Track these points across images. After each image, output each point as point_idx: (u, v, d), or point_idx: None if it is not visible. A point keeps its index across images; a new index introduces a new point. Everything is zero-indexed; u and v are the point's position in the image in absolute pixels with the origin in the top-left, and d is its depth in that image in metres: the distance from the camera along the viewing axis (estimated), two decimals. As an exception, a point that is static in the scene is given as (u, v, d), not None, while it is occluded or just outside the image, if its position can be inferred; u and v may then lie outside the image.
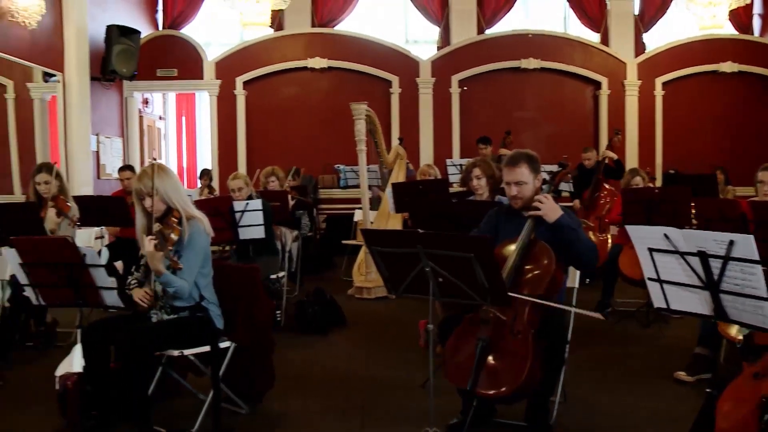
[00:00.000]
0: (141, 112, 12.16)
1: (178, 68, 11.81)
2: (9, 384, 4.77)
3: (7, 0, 7.98)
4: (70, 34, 9.37)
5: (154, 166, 3.73)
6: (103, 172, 10.53)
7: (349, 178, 11.37)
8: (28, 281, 3.51)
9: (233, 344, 3.85)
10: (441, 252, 2.99)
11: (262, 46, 11.92)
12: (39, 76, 9.40)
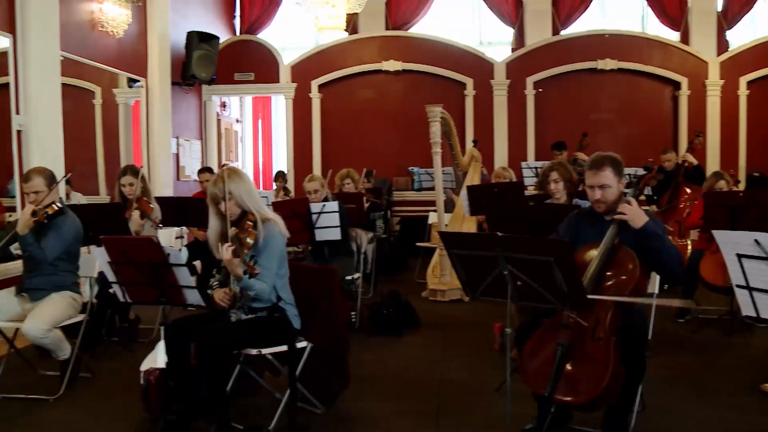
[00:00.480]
0: (219, 116, 12.43)
1: (255, 72, 12.04)
2: (96, 376, 4.95)
3: (98, 11, 8.32)
4: (154, 42, 9.68)
5: (227, 170, 3.79)
6: (183, 174, 10.81)
7: (423, 181, 11.38)
8: (116, 279, 3.64)
9: (310, 344, 3.89)
10: (520, 255, 2.96)
11: (336, 49, 12.03)
12: (124, 82, 9.73)
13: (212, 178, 3.87)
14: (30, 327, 4.35)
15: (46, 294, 4.66)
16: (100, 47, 8.50)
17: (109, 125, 9.79)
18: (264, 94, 13.31)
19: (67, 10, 7.60)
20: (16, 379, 4.78)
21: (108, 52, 8.67)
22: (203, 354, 3.54)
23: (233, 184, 3.71)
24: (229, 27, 12.87)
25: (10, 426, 4.10)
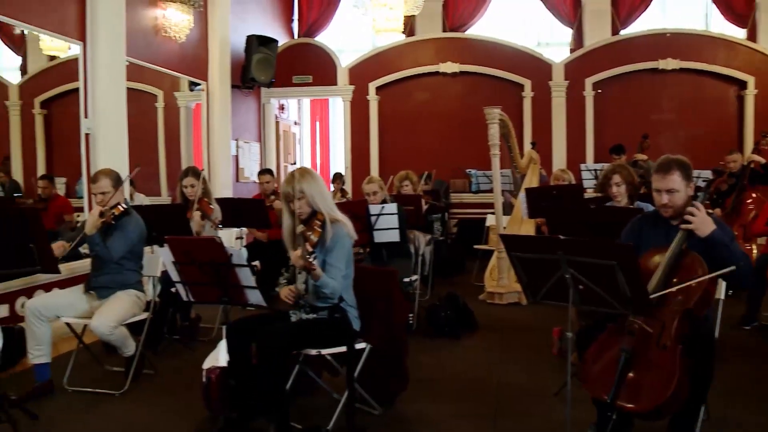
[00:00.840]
0: (277, 118, 12.58)
1: (313, 75, 12.15)
2: (159, 373, 5.07)
3: (161, 17, 8.53)
4: (214, 46, 9.87)
5: (300, 170, 3.87)
6: (242, 176, 10.98)
7: (480, 183, 11.33)
8: (180, 279, 3.71)
9: (369, 345, 3.92)
10: (582, 259, 2.93)
11: (394, 51, 12.07)
12: (185, 85, 9.94)
13: (285, 178, 3.94)
14: (97, 324, 4.48)
15: (112, 292, 4.80)
16: (163, 52, 8.71)
17: (171, 128, 10.01)
18: (322, 96, 13.43)
19: (132, 17, 7.81)
20: (84, 373, 4.93)
21: (170, 57, 8.87)
22: (264, 353, 3.59)
23: (305, 184, 3.78)
24: (288, 30, 13.03)
25: (79, 418, 4.25)
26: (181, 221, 5.62)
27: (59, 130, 9.28)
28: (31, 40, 9.35)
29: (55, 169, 8.90)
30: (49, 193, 7.59)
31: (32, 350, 4.60)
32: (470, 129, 11.12)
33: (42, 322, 4.58)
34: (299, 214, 3.82)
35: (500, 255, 7.65)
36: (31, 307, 4.60)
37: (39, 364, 4.62)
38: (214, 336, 6.07)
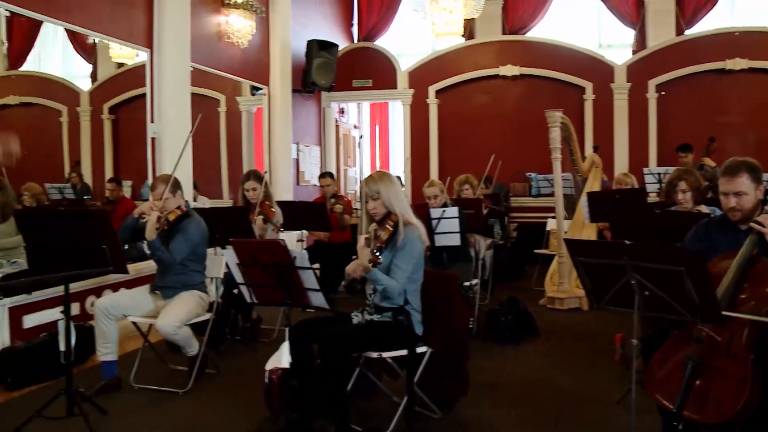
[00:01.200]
0: (337, 122, 12.68)
1: (373, 79, 12.22)
2: (221, 373, 5.16)
3: (224, 24, 8.70)
4: (276, 51, 10.02)
5: (379, 172, 3.98)
6: (302, 179, 11.09)
7: (541, 187, 11.22)
8: (243, 280, 3.78)
9: (430, 349, 3.92)
10: (649, 264, 2.87)
11: (453, 55, 12.04)
12: (247, 89, 10.11)
13: (364, 179, 4.00)
14: (163, 323, 4.58)
15: (177, 292, 4.91)
16: (226, 57, 8.87)
17: (233, 132, 10.20)
18: (382, 100, 13.48)
19: (196, 23, 7.98)
20: (150, 371, 5.05)
21: (233, 62, 9.04)
22: (325, 355, 3.62)
23: (382, 185, 3.86)
24: (347, 35, 13.12)
25: (145, 414, 4.35)
26: (243, 224, 5.71)
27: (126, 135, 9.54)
28: (101, 48, 9.65)
29: (122, 173, 9.16)
30: (116, 196, 7.82)
31: (101, 348, 4.75)
32: (530, 132, 11.02)
33: (110, 321, 4.71)
34: (374, 213, 3.90)
35: (561, 259, 7.56)
36: (100, 306, 4.74)
37: (107, 361, 4.77)
38: (275, 337, 6.15)
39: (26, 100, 9.73)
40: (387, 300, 3.83)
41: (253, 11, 9.02)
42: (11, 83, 9.82)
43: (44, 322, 5.50)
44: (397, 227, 3.82)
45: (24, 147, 9.29)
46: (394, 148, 14.97)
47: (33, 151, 9.51)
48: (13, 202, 6.18)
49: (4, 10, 6.41)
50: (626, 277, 2.96)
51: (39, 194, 7.75)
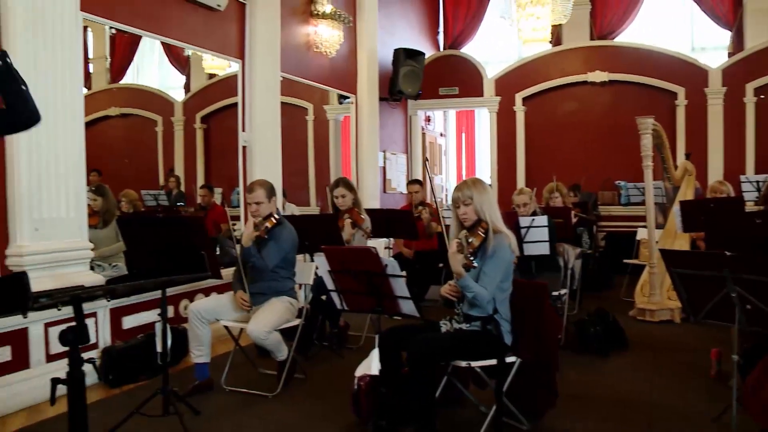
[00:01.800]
0: (423, 130, 12.71)
1: (459, 86, 12.20)
2: (309, 378, 5.24)
3: (313, 34, 8.87)
4: (363, 60, 10.13)
5: (472, 178, 4.01)
6: (389, 187, 11.16)
7: (631, 195, 10.95)
8: (334, 287, 3.83)
9: (518, 360, 3.88)
10: (752, 277, 2.77)
11: (540, 61, 11.91)
12: (334, 98, 10.26)
13: (456, 185, 4.01)
14: (253, 328, 4.68)
15: (267, 298, 5.01)
16: (315, 67, 9.03)
17: (320, 140, 10.36)
18: (468, 107, 13.44)
19: (286, 34, 8.16)
20: (240, 374, 5.18)
21: (321, 71, 9.19)
22: (414, 363, 3.63)
23: (475, 191, 3.89)
24: (434, 43, 13.16)
25: (235, 416, 4.47)
26: (332, 231, 5.78)
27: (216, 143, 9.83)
28: (194, 60, 9.98)
29: (213, 180, 9.43)
30: (208, 202, 8.06)
31: (194, 350, 4.90)
32: (619, 139, 10.80)
33: (203, 324, 4.86)
34: (464, 219, 3.91)
35: (652, 270, 7.36)
36: (193, 309, 4.89)
37: (200, 363, 4.91)
38: (362, 344, 6.20)
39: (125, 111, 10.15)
40: (476, 309, 3.82)
41: (341, 21, 9.16)
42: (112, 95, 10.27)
43: (142, 323, 5.72)
44: (488, 234, 3.82)
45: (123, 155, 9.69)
46: (480, 155, 14.90)
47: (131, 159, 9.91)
48: (114, 208, 6.46)
49: (109, 27, 6.70)
50: (726, 289, 2.86)
51: (135, 200, 8.07)
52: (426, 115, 12.91)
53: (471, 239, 3.76)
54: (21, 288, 1.99)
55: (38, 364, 4.85)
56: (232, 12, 7.25)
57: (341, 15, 9.14)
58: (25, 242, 4.74)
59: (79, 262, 5.15)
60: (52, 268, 4.88)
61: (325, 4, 8.92)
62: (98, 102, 8.64)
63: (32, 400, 4.72)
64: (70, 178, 5.07)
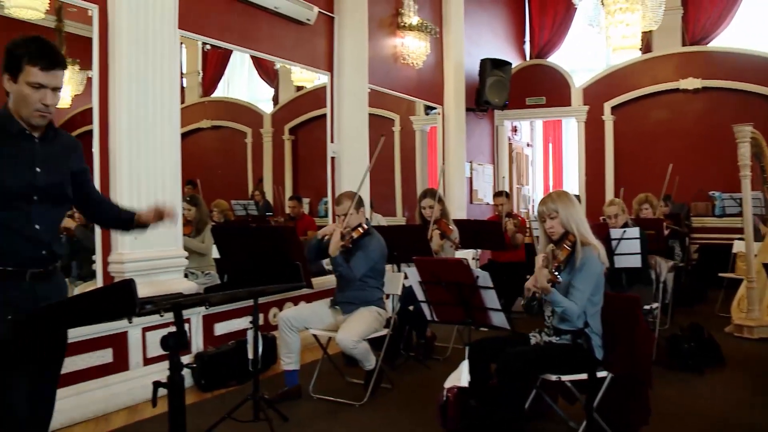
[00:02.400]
0: (510, 140, 12.60)
1: (546, 96, 12.05)
2: (395, 388, 5.26)
3: (400, 46, 8.95)
4: (449, 70, 10.16)
5: (557, 191, 3.97)
6: (475, 197, 11.11)
7: (726, 206, 10.56)
8: (425, 298, 3.85)
9: (610, 374, 3.80)
10: None
11: (630, 69, 11.63)
12: (421, 109, 10.31)
13: (542, 198, 3.99)
14: (342, 337, 4.74)
15: (356, 308, 5.07)
16: (402, 78, 9.10)
17: (406, 150, 10.43)
18: (555, 117, 13.27)
19: (374, 46, 8.26)
20: (328, 382, 5.24)
21: (408, 83, 9.25)
22: (504, 375, 3.62)
23: (561, 204, 3.84)
24: (520, 52, 13.05)
25: (323, 424, 4.54)
26: (420, 241, 5.80)
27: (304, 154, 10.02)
28: (282, 73, 10.22)
29: (300, 190, 9.61)
30: (297, 212, 8.21)
31: (284, 357, 5.01)
32: (713, 148, 10.45)
33: (293, 332, 4.95)
34: (551, 233, 3.87)
35: (750, 284, 7.08)
36: (283, 317, 4.99)
37: (289, 370, 5.01)
38: (449, 355, 6.19)
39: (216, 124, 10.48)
40: (566, 322, 3.77)
41: (427, 32, 9.21)
42: (204, 108, 10.62)
43: (232, 330, 5.88)
44: (575, 247, 3.77)
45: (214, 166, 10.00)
46: (567, 166, 14.67)
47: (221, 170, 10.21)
48: (206, 218, 6.66)
49: (201, 43, 6.95)
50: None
51: (226, 210, 8.30)
52: (513, 125, 12.80)
53: (557, 253, 3.72)
54: (129, 294, 2.08)
55: (136, 367, 5.05)
56: (321, 26, 7.40)
57: (428, 26, 9.18)
58: (126, 250, 4.95)
59: (174, 270, 5.34)
60: (149, 275, 5.06)
61: (412, 16, 8.99)
62: (191, 115, 8.93)
63: (131, 400, 4.93)
64: (167, 188, 5.26)
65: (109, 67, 4.97)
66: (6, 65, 2.63)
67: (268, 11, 6.62)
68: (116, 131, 4.94)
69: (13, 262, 2.63)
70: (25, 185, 2.66)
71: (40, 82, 2.60)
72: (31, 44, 2.61)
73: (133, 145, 5.00)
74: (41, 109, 2.64)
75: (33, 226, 2.68)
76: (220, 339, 5.76)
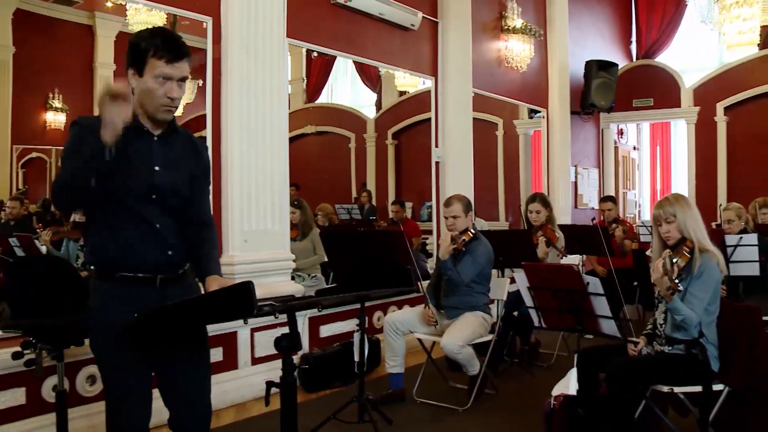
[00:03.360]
0: (616, 143, 12.27)
1: (654, 98, 11.64)
2: (499, 394, 5.21)
3: (504, 49, 8.89)
4: (554, 73, 10.00)
5: (675, 195, 3.86)
6: (580, 202, 10.88)
7: None
8: (533, 304, 3.80)
9: (727, 387, 3.65)
10: None
11: (746, 67, 11.05)
12: (524, 112, 10.21)
13: (657, 201, 3.89)
14: (447, 342, 4.74)
15: (461, 313, 5.05)
16: (505, 82, 9.03)
17: (509, 154, 10.34)
18: (663, 119, 12.80)
19: (477, 50, 8.23)
20: (431, 386, 5.24)
21: (512, 86, 9.17)
22: (613, 385, 3.53)
23: (678, 208, 3.73)
24: (626, 53, 12.69)
25: (426, 428, 4.56)
26: (526, 246, 5.72)
27: (407, 159, 10.09)
28: (386, 78, 10.34)
29: (402, 194, 9.68)
30: (400, 217, 8.27)
31: (389, 360, 5.05)
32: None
33: (398, 336, 4.99)
34: (666, 238, 3.76)
35: None
36: (389, 321, 5.04)
37: (394, 373, 5.04)
38: (553, 362, 6.09)
39: (321, 129, 10.71)
40: (680, 331, 3.64)
41: (531, 35, 9.10)
42: (309, 114, 10.87)
43: (337, 332, 5.99)
44: (694, 254, 3.64)
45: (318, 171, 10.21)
46: (676, 169, 14.15)
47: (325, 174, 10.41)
48: (311, 221, 6.79)
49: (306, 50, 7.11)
50: None
51: (331, 214, 8.45)
52: (619, 128, 12.45)
53: (676, 259, 3.59)
54: (248, 296, 2.13)
55: (245, 366, 5.21)
56: (425, 31, 7.43)
57: (532, 29, 9.08)
58: (236, 252, 5.11)
59: (282, 272, 5.47)
60: (257, 277, 5.17)
61: (516, 19, 8.90)
62: (296, 121, 9.13)
63: (240, 397, 5.08)
64: (276, 192, 5.40)
65: (222, 76, 5.16)
66: (131, 60, 2.57)
67: (373, 18, 6.71)
68: (228, 137, 5.12)
69: (142, 267, 2.60)
70: (145, 185, 2.59)
71: (167, 74, 2.53)
72: (156, 37, 2.54)
73: (243, 151, 5.16)
74: (167, 103, 2.57)
75: (153, 225, 2.61)
76: (325, 341, 5.87)
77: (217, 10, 5.17)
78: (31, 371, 3.37)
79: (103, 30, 7.19)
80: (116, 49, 7.22)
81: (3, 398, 3.94)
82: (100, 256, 2.62)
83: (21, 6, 6.48)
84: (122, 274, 2.58)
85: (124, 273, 2.58)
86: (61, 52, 7.16)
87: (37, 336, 3.31)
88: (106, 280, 2.60)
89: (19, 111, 6.56)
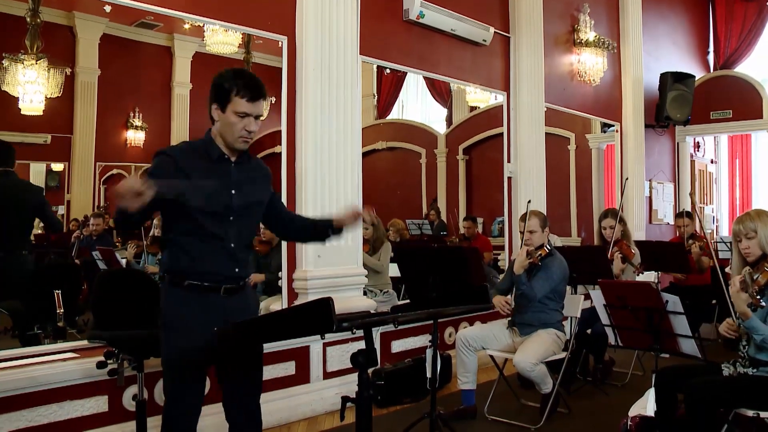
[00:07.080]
0: (692, 157, 11.95)
1: (733, 109, 11.29)
2: (572, 413, 5.13)
3: (576, 63, 8.78)
4: (627, 86, 9.81)
5: (756, 210, 3.74)
6: (655, 217, 10.63)
7: None
8: (609, 322, 3.74)
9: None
10: None
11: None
12: (597, 127, 10.04)
13: (737, 217, 3.81)
14: (520, 359, 4.71)
15: (534, 330, 5.01)
16: (578, 96, 8.91)
17: (582, 169, 10.18)
18: (743, 131, 12.38)
19: (550, 64, 8.16)
20: (502, 404, 5.21)
21: (584, 100, 9.04)
22: (693, 407, 3.44)
23: (759, 223, 3.63)
24: (703, 64, 12.37)
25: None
26: (600, 263, 5.64)
27: (478, 174, 10.06)
28: (456, 93, 10.36)
29: (473, 209, 9.64)
30: (472, 233, 8.24)
31: (461, 377, 5.04)
32: None
33: (470, 352, 4.98)
34: (746, 254, 3.65)
35: None
36: (461, 337, 5.03)
37: (466, 389, 5.03)
38: (627, 381, 5.97)
39: (391, 145, 10.77)
40: (763, 352, 3.52)
41: (604, 48, 8.96)
42: (380, 130, 10.96)
43: (408, 348, 6.00)
44: None
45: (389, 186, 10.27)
46: (757, 183, 13.67)
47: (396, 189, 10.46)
48: (383, 236, 6.83)
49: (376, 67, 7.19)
50: None
51: (402, 229, 8.48)
52: (695, 141, 12.12)
53: (757, 276, 3.48)
54: (327, 311, 2.19)
55: (317, 380, 5.27)
56: (497, 46, 7.41)
57: (605, 42, 8.94)
58: (310, 267, 5.18)
59: (355, 288, 5.52)
60: (330, 292, 5.23)
61: (588, 32, 8.79)
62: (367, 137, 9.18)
63: (311, 411, 5.14)
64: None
65: (297, 93, 5.26)
66: (215, 96, 2.90)
67: (445, 34, 6.73)
68: (303, 154, 5.21)
69: (210, 278, 2.89)
70: (223, 206, 2.90)
71: (246, 111, 2.86)
72: (239, 78, 2.86)
73: (318, 167, 5.24)
74: (245, 135, 2.90)
75: (229, 245, 2.92)
76: (396, 356, 5.89)
77: (292, 29, 5.28)
78: (113, 380, 3.53)
79: (180, 51, 7.47)
80: (192, 68, 7.49)
81: (87, 405, 4.10)
82: (174, 266, 2.91)
83: (107, 31, 6.77)
84: (190, 282, 2.86)
85: (192, 281, 2.86)
86: (142, 73, 7.47)
87: (120, 346, 3.47)
88: (176, 285, 2.89)
89: (102, 129, 6.87)
